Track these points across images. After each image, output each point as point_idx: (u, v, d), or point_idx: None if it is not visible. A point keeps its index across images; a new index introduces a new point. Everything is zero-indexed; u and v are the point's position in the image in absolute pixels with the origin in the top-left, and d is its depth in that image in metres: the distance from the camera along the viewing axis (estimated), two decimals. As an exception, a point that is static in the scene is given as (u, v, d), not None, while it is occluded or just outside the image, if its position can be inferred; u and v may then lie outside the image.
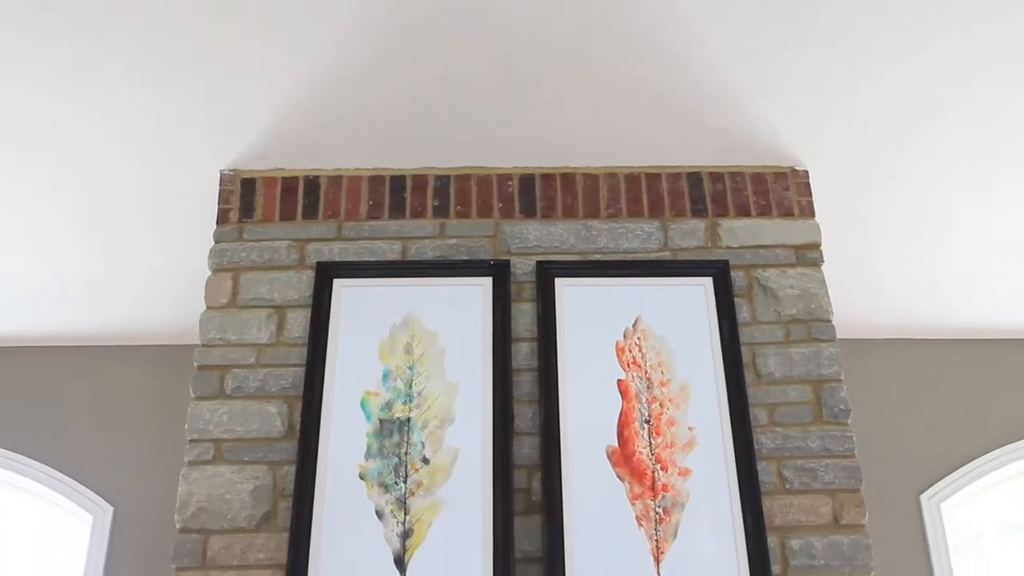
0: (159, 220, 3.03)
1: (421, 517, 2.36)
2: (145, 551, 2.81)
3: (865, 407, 3.05)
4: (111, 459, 2.98)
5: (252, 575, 2.36)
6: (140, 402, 3.12)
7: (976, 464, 2.93)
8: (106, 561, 2.80)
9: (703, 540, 2.33)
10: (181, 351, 3.16)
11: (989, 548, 2.95)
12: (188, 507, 2.43)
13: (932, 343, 3.28)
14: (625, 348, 2.58)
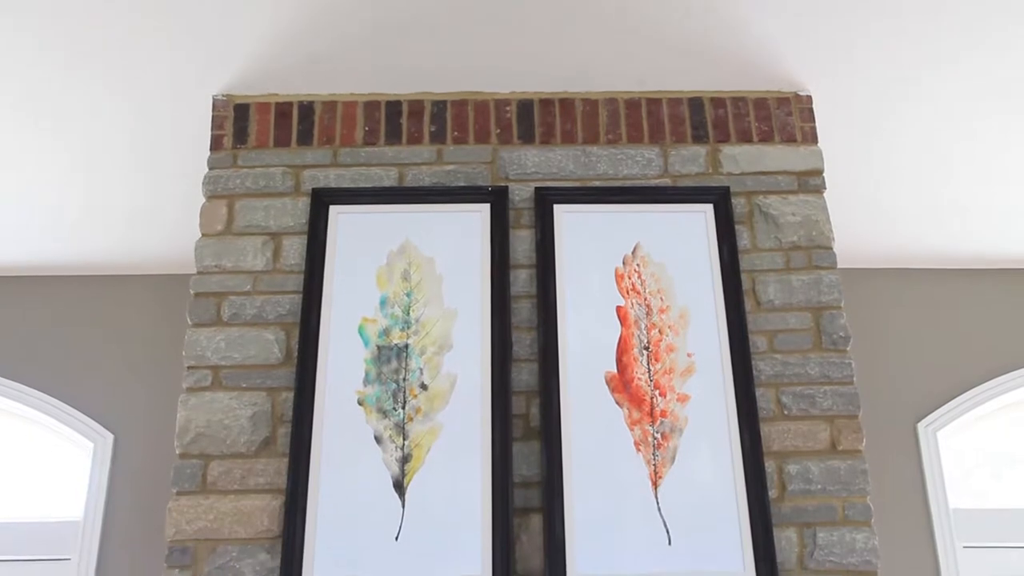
0: (152, 148, 2.98)
1: (420, 442, 2.36)
2: (146, 478, 2.83)
3: (864, 336, 3.05)
4: (111, 387, 2.99)
5: (252, 499, 2.38)
6: (139, 331, 3.11)
7: (973, 393, 2.94)
8: (108, 488, 2.82)
9: (701, 465, 2.34)
10: (178, 280, 3.14)
11: (984, 477, 2.98)
12: (187, 433, 2.44)
13: (932, 272, 3.26)
14: (624, 275, 2.56)
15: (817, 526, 2.36)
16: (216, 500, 2.38)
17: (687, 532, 2.28)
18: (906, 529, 2.78)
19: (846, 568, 2.33)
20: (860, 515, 2.37)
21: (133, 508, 2.80)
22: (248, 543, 2.35)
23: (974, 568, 2.76)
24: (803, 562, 2.34)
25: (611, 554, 2.27)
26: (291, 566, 2.26)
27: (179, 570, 2.34)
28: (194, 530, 2.36)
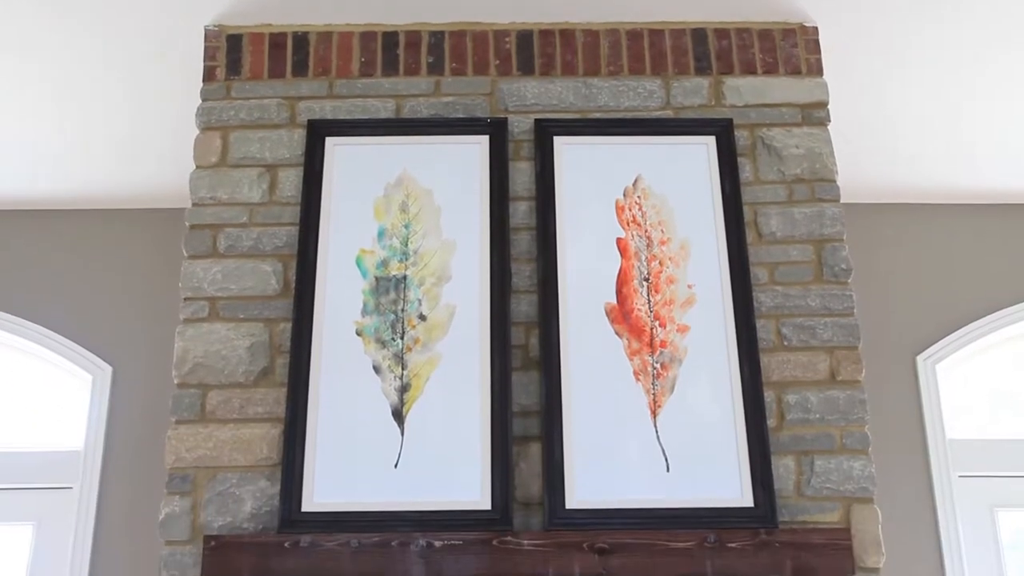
0: (142, 79, 2.92)
1: (419, 372, 2.36)
2: (145, 409, 2.84)
3: (865, 270, 3.03)
4: (108, 320, 2.98)
5: (251, 428, 2.38)
6: (135, 264, 3.09)
7: (973, 327, 2.94)
8: (107, 419, 2.82)
9: (700, 394, 2.34)
10: (175, 213, 3.11)
11: (981, 409, 2.99)
12: (185, 363, 2.43)
13: (935, 208, 3.24)
14: (625, 207, 2.54)
15: (815, 454, 2.37)
16: (215, 429, 2.39)
17: (685, 460, 2.29)
18: (902, 459, 2.80)
19: (843, 495, 2.35)
20: (858, 443, 2.38)
21: (133, 438, 2.82)
22: (248, 470, 2.36)
23: (969, 497, 2.79)
24: (800, 489, 2.35)
25: (610, 481, 2.28)
26: (291, 493, 2.27)
27: (179, 496, 2.35)
28: (194, 458, 2.37)
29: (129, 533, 2.74)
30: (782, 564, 2.21)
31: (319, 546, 2.21)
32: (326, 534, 2.22)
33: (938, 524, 2.74)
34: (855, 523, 2.33)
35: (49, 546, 2.80)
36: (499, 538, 2.21)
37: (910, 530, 2.74)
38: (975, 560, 2.75)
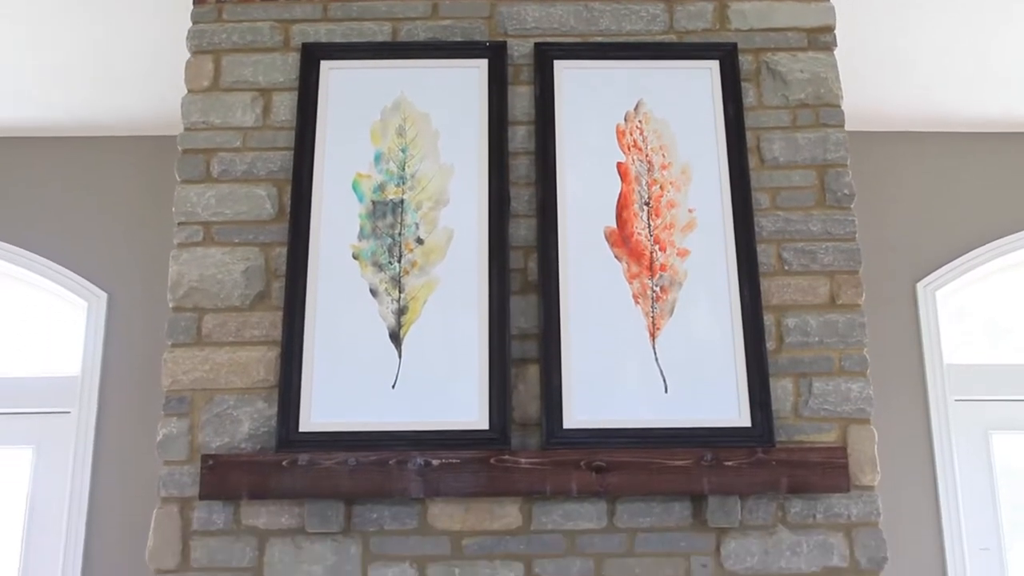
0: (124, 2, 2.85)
1: (416, 295, 2.35)
2: (141, 335, 2.83)
3: (868, 198, 3.01)
4: (102, 247, 2.96)
5: (247, 351, 2.38)
6: (129, 191, 3.06)
7: (974, 255, 2.93)
8: (104, 345, 2.82)
9: (699, 317, 2.34)
10: (168, 140, 3.07)
11: (979, 335, 2.99)
12: (180, 287, 2.42)
13: (938, 136, 3.21)
14: (626, 131, 2.50)
15: (813, 376, 2.38)
16: (211, 352, 2.39)
17: (684, 382, 2.30)
18: (900, 384, 2.81)
19: (840, 416, 2.37)
20: (856, 366, 2.39)
21: (130, 363, 2.82)
22: (245, 392, 2.36)
23: (964, 421, 2.81)
24: (798, 410, 2.36)
25: (608, 403, 2.29)
26: (288, 413, 2.28)
27: (177, 418, 2.36)
28: (190, 380, 2.37)
29: (128, 455, 2.76)
30: (778, 481, 2.23)
31: (317, 464, 2.22)
32: (324, 453, 2.23)
33: (933, 446, 2.77)
34: (851, 443, 2.35)
35: (49, 468, 2.82)
36: (496, 456, 2.22)
37: (905, 452, 2.76)
38: (968, 481, 2.78)
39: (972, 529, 2.77)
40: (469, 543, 2.32)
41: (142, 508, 2.40)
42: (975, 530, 2.78)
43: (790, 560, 2.32)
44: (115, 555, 2.71)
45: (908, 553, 2.69)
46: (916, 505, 2.77)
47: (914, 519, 2.75)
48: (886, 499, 2.41)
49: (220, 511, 2.32)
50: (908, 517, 2.74)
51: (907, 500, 2.75)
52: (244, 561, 2.31)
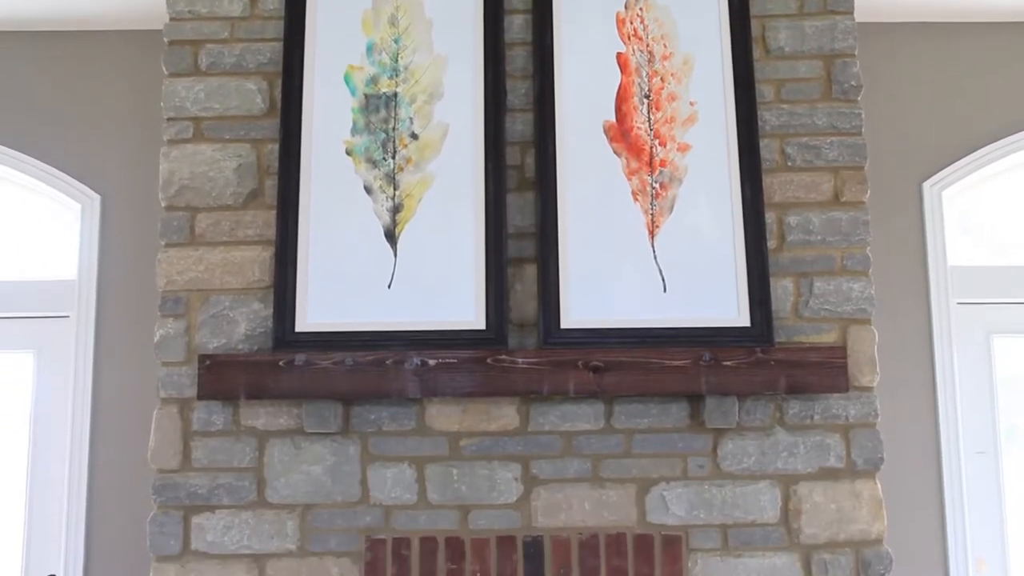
0: None
1: (411, 192, 2.30)
2: (136, 237, 2.80)
3: (874, 93, 2.91)
4: (94, 147, 2.90)
5: (242, 251, 2.36)
6: (119, 89, 2.97)
7: (982, 153, 2.84)
8: (99, 247, 2.79)
9: (699, 214, 2.29)
10: (155, 35, 2.97)
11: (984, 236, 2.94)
12: (171, 185, 2.38)
13: (947, 27, 3.05)
14: (626, 20, 2.40)
15: (814, 276, 2.35)
16: (206, 252, 2.36)
17: (683, 281, 2.27)
18: (901, 285, 2.78)
19: (840, 316, 2.34)
20: (858, 265, 2.35)
21: (126, 266, 2.80)
22: (241, 293, 2.35)
23: (966, 323, 2.78)
24: (798, 310, 2.34)
25: (605, 302, 2.27)
26: (284, 313, 2.27)
27: (173, 319, 2.35)
28: (185, 280, 2.35)
29: (128, 358, 2.76)
30: (776, 381, 2.22)
31: (313, 364, 2.22)
32: (320, 353, 2.22)
33: (933, 349, 2.75)
34: (851, 343, 2.33)
35: (51, 373, 2.83)
36: (493, 356, 2.22)
37: (905, 354, 2.75)
38: (968, 385, 2.78)
39: (969, 432, 2.78)
40: (467, 444, 2.33)
41: (144, 410, 2.41)
42: (972, 433, 2.79)
43: (787, 461, 2.33)
44: (119, 457, 2.74)
45: (904, 455, 2.70)
46: (914, 407, 2.77)
47: (911, 421, 2.76)
48: (884, 401, 2.39)
49: (219, 412, 2.34)
50: (905, 419, 2.74)
51: (905, 402, 2.75)
52: (244, 461, 2.33)
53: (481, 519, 2.31)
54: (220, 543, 2.30)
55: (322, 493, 2.31)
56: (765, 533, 2.31)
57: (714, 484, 2.33)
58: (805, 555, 2.30)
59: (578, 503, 2.32)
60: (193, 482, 2.32)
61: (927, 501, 2.74)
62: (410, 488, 2.32)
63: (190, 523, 2.31)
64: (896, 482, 2.61)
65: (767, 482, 2.33)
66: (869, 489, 2.33)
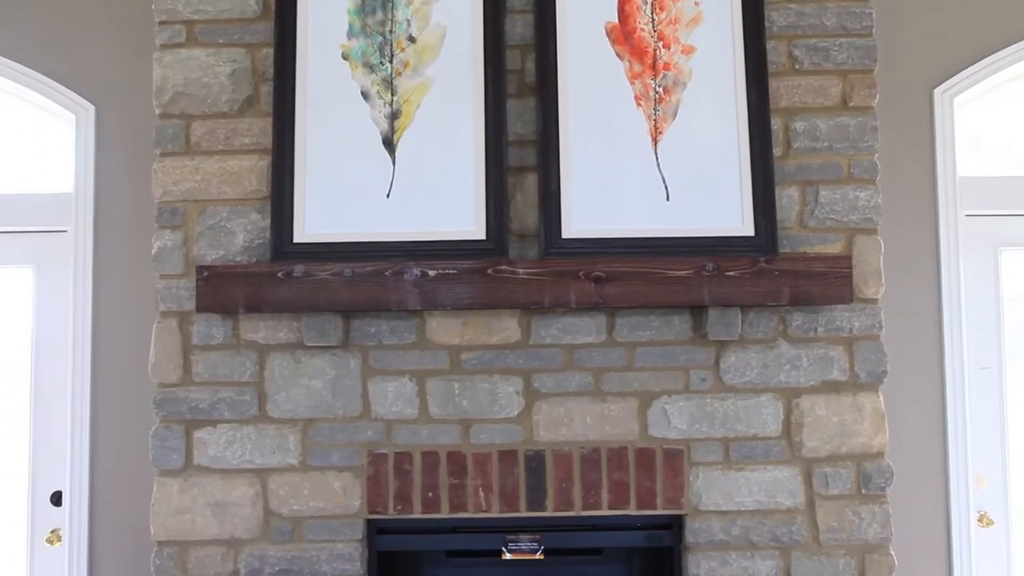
0: None
1: (409, 98, 2.26)
2: (132, 147, 2.75)
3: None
4: (87, 57, 2.83)
5: (238, 160, 2.32)
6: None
7: (995, 59, 2.76)
8: (95, 159, 2.75)
9: (704, 120, 2.24)
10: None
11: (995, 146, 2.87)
12: (165, 92, 2.33)
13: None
14: (630, -81, 2.33)
15: (820, 184, 2.31)
16: (202, 161, 2.32)
17: (686, 189, 2.23)
18: (909, 195, 2.72)
19: (846, 225, 2.31)
20: (866, 173, 2.31)
21: (123, 178, 2.75)
22: (238, 203, 2.32)
23: (973, 236, 2.74)
24: (803, 220, 2.30)
25: (607, 211, 2.23)
26: (281, 224, 2.24)
27: (170, 230, 2.33)
28: (182, 191, 2.32)
29: (128, 272, 2.74)
30: (780, 292, 2.19)
31: (312, 276, 2.19)
32: (319, 264, 2.20)
33: (940, 261, 2.71)
34: (856, 253, 2.30)
35: (51, 288, 2.82)
36: (494, 267, 2.19)
37: (911, 266, 2.70)
38: (973, 298, 2.74)
39: (973, 347, 2.76)
40: (468, 357, 2.32)
41: (145, 324, 2.39)
42: (976, 348, 2.77)
43: (789, 374, 2.32)
44: (122, 372, 2.74)
45: (907, 368, 2.68)
46: (918, 321, 2.74)
47: (916, 335, 2.73)
48: (888, 314, 2.37)
49: (219, 325, 2.32)
50: (910, 332, 2.71)
51: (910, 315, 2.71)
52: (245, 375, 2.32)
53: (482, 433, 2.31)
54: (222, 457, 2.31)
55: (323, 407, 2.31)
56: (766, 447, 2.31)
57: (716, 397, 2.32)
58: (806, 468, 2.30)
59: (579, 417, 2.31)
60: (194, 396, 2.32)
61: (929, 416, 2.73)
62: (411, 402, 2.32)
63: (192, 437, 2.31)
64: (898, 396, 2.59)
65: (769, 395, 2.32)
66: (872, 402, 2.32)
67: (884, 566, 2.29)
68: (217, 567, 2.28)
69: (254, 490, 2.30)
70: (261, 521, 2.29)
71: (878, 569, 2.29)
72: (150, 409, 2.33)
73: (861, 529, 2.29)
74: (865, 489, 2.30)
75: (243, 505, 2.30)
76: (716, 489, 2.30)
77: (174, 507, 2.30)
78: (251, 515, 2.29)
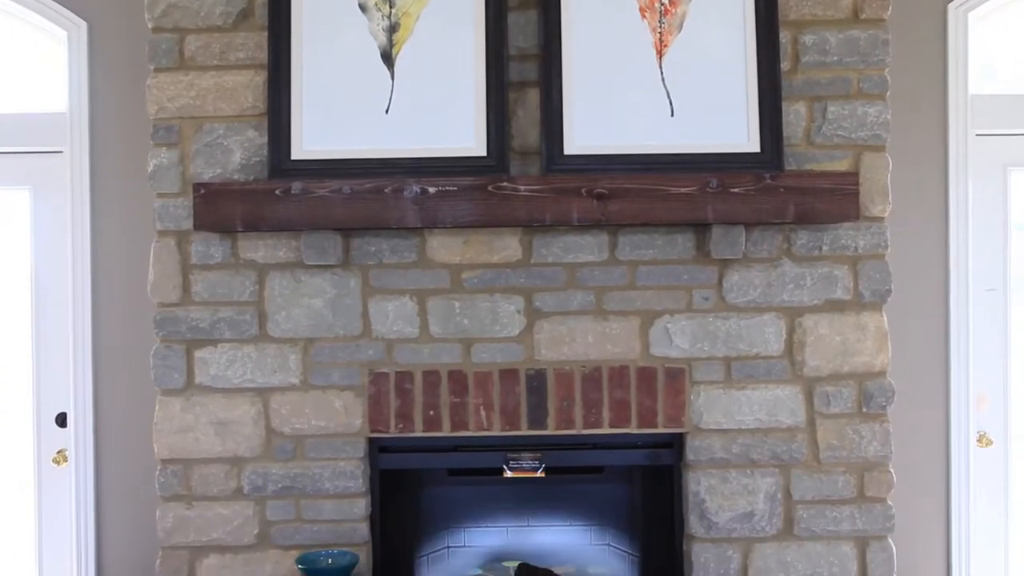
0: None
1: (408, 10, 2.19)
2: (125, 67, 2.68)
3: None
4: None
5: (233, 75, 2.28)
6: None
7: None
8: (89, 80, 2.69)
9: (710, 32, 2.18)
10: None
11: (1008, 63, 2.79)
12: (157, 5, 2.28)
13: None
14: None
15: (828, 100, 2.26)
16: (196, 76, 2.28)
17: (691, 104, 2.18)
18: (918, 113, 2.66)
19: (854, 142, 2.27)
20: (875, 88, 2.26)
21: (118, 97, 2.68)
22: (234, 120, 2.28)
23: (983, 155, 2.68)
24: (810, 136, 2.26)
25: (611, 127, 2.19)
26: (279, 141, 2.20)
27: (166, 148, 2.29)
28: (177, 107, 2.28)
29: (125, 192, 2.70)
30: (785, 209, 2.16)
31: (311, 193, 2.16)
32: (317, 181, 2.17)
33: (948, 181, 2.66)
34: (864, 170, 2.27)
35: (48, 209, 2.78)
36: (495, 183, 2.16)
37: (918, 185, 2.66)
38: (981, 219, 2.70)
39: (980, 268, 2.73)
40: (469, 276, 2.30)
41: (145, 245, 2.37)
42: (982, 269, 2.74)
43: (793, 293, 2.30)
44: (121, 293, 2.72)
45: (911, 288, 2.66)
46: (924, 241, 2.70)
47: (921, 255, 2.70)
48: (894, 234, 2.34)
49: (217, 245, 2.30)
50: (915, 252, 2.68)
51: (915, 235, 2.68)
52: (245, 295, 2.31)
53: (484, 352, 2.31)
54: (223, 377, 2.31)
55: (323, 327, 2.31)
56: (768, 366, 2.31)
57: (719, 317, 2.31)
58: (808, 387, 2.30)
59: (581, 336, 2.31)
60: (194, 316, 2.31)
61: (931, 336, 2.71)
62: (412, 322, 2.31)
63: (193, 357, 2.32)
64: (901, 316, 2.58)
65: (772, 314, 2.31)
66: (875, 321, 2.31)
67: (883, 483, 2.31)
68: (221, 484, 2.30)
69: (256, 409, 2.31)
70: (263, 440, 2.31)
71: (877, 486, 2.31)
72: (151, 330, 2.33)
73: (861, 447, 2.30)
74: (866, 408, 2.31)
75: (245, 424, 2.31)
76: (717, 408, 2.30)
77: (176, 426, 2.31)
78: (253, 434, 2.31)
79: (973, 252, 2.69)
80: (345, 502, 2.30)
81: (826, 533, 2.30)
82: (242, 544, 2.31)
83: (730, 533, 2.30)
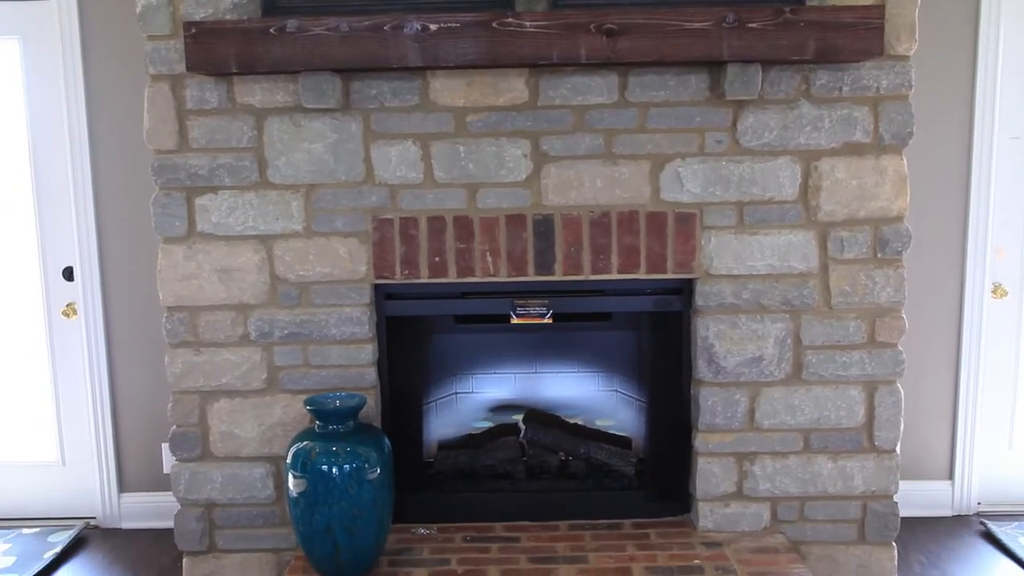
0: None
1: None
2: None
3: None
4: None
5: (219, -100, 2.14)
6: None
7: None
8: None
9: None
10: None
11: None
12: None
13: None
14: None
15: (857, -79, 2.11)
16: (180, -97, 2.14)
17: (708, -73, 2.03)
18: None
19: (882, -33, 2.13)
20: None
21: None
22: (222, -50, 2.15)
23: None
24: (835, -38, 2.13)
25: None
26: (270, -29, 2.08)
27: (152, -19, 2.18)
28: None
29: (117, 37, 2.59)
30: (805, 45, 2.05)
31: (306, 31, 2.06)
32: (313, 18, 2.06)
33: (978, 18, 2.49)
34: (890, 5, 2.14)
35: (39, 58, 2.68)
36: (499, 19, 2.04)
37: (946, 22, 2.51)
38: (1012, 61, 2.56)
39: (1006, 114, 2.62)
40: (473, 119, 2.22)
41: (139, 91, 2.29)
42: (1007, 116, 2.63)
43: (810, 136, 2.21)
44: (119, 143, 2.66)
45: (933, 132, 2.56)
46: (950, 82, 2.58)
47: (945, 97, 2.58)
48: (918, 73, 2.23)
49: (213, 89, 2.22)
50: (939, 94, 2.57)
51: (941, 76, 2.56)
52: (243, 140, 2.24)
53: (490, 198, 2.25)
54: (225, 224, 2.27)
55: (325, 172, 2.25)
56: (782, 210, 2.25)
57: (732, 160, 2.23)
58: (822, 232, 2.25)
59: (589, 181, 2.24)
60: (192, 163, 2.25)
61: (951, 183, 2.63)
62: (415, 167, 2.24)
63: (193, 204, 2.27)
64: (921, 161, 2.49)
65: (787, 158, 2.23)
66: (895, 165, 2.23)
67: (895, 329, 2.28)
68: (227, 331, 2.30)
69: (259, 256, 2.28)
70: (268, 286, 2.29)
71: (888, 332, 2.28)
72: (151, 178, 2.28)
73: (874, 293, 2.26)
74: (881, 253, 2.25)
75: (249, 271, 2.29)
76: (728, 253, 2.26)
77: (180, 273, 2.29)
78: (257, 280, 2.29)
79: (1000, 97, 2.58)
80: (352, 347, 2.30)
81: (834, 378, 2.29)
82: (251, 389, 2.33)
83: (738, 377, 2.30)
